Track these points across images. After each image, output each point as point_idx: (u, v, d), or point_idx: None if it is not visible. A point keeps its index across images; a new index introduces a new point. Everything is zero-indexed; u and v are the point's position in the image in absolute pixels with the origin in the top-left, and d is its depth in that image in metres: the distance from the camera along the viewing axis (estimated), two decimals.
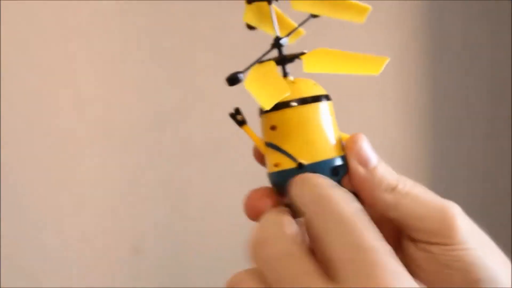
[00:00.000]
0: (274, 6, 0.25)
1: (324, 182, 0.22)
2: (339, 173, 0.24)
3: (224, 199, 0.80)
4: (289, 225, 0.22)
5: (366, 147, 0.25)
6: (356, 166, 0.24)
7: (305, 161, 0.23)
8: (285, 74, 0.25)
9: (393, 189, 0.24)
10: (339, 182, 0.24)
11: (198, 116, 0.81)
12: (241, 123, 0.24)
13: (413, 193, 0.24)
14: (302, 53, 0.24)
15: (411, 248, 0.25)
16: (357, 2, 0.24)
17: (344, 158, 0.24)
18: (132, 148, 0.79)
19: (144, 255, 0.79)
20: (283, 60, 0.24)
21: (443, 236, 0.24)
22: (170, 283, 0.80)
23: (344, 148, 0.24)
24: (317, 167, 0.23)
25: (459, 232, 0.24)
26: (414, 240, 0.25)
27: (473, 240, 0.24)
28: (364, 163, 0.24)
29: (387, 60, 0.23)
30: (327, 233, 0.21)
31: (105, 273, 0.78)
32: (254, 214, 0.24)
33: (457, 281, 0.24)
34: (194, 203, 0.82)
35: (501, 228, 0.87)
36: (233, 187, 0.77)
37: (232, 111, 0.25)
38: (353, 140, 0.24)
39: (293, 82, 0.24)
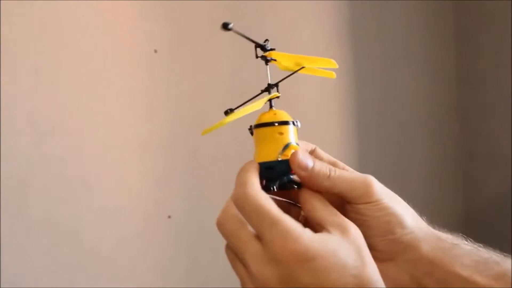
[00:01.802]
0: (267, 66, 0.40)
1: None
2: None
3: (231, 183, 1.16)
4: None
5: (302, 158, 0.34)
6: (299, 171, 0.35)
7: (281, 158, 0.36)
8: (271, 106, 0.39)
9: (328, 177, 0.34)
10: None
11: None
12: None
13: (342, 176, 0.34)
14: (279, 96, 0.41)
15: (349, 209, 0.35)
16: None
17: None
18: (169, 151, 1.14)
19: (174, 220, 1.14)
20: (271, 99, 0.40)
21: (366, 198, 0.34)
22: (194, 243, 1.15)
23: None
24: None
25: (376, 193, 0.34)
26: (350, 204, 0.34)
27: (385, 196, 0.34)
28: (304, 168, 0.34)
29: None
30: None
31: (146, 234, 1.11)
32: None
33: (379, 223, 0.34)
34: (213, 186, 1.19)
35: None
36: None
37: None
38: (292, 156, 0.35)
39: (275, 112, 0.38)
